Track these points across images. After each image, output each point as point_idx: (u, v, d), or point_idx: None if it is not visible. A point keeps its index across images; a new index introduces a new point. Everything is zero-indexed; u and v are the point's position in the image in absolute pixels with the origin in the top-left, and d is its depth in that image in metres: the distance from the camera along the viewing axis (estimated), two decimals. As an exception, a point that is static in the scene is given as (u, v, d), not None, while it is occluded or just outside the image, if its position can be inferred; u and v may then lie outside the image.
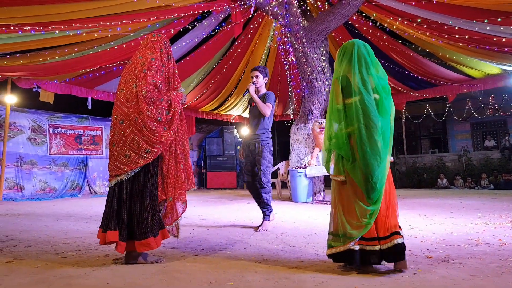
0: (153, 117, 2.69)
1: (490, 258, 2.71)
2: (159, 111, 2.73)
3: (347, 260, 2.42)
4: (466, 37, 7.94)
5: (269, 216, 4.33)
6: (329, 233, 2.54)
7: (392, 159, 2.63)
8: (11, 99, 8.43)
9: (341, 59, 2.62)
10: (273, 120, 4.57)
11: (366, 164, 2.39)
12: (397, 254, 2.35)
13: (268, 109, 4.25)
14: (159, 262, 2.68)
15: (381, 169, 2.40)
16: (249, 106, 4.59)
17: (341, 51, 2.65)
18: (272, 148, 4.43)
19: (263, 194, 4.29)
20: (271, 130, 4.48)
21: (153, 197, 2.75)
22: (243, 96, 3.98)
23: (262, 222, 4.30)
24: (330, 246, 2.48)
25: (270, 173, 4.34)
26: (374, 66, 2.55)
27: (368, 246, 2.37)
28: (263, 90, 4.46)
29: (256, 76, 4.42)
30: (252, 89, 4.34)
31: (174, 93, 2.89)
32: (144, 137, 2.67)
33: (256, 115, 4.38)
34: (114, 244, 2.63)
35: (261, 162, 4.26)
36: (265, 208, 4.33)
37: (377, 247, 2.36)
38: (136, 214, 2.65)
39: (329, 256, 2.48)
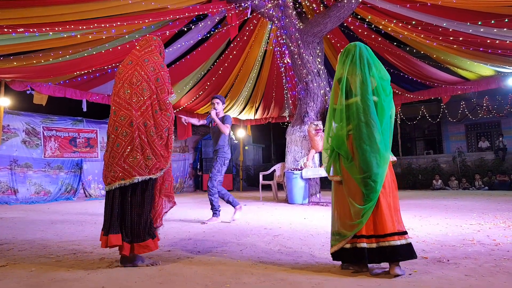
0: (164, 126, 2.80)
1: (484, 258, 2.73)
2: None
3: (342, 258, 2.47)
4: (460, 39, 8.00)
5: (216, 214, 5.09)
6: (331, 233, 2.59)
7: (395, 158, 2.67)
8: (4, 101, 8.37)
9: (343, 61, 2.65)
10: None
11: (365, 161, 2.42)
12: (394, 255, 2.31)
13: (227, 129, 5.16)
14: (155, 265, 2.66)
15: (381, 168, 2.42)
16: (210, 126, 5.45)
17: (343, 53, 2.70)
18: (227, 161, 5.24)
19: (208, 196, 5.11)
20: (228, 144, 5.38)
21: (152, 200, 2.75)
22: (205, 120, 4.79)
23: (210, 218, 5.09)
24: (331, 245, 2.54)
25: (217, 181, 5.12)
26: (375, 66, 2.59)
27: (360, 244, 2.35)
28: (221, 114, 5.34)
29: (217, 103, 5.28)
30: (213, 113, 5.20)
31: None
32: (150, 144, 2.70)
33: (216, 133, 5.27)
34: (115, 246, 2.63)
35: (212, 170, 5.12)
36: (211, 209, 5.13)
37: (373, 245, 2.35)
38: (135, 216, 2.64)
39: (331, 255, 2.54)
